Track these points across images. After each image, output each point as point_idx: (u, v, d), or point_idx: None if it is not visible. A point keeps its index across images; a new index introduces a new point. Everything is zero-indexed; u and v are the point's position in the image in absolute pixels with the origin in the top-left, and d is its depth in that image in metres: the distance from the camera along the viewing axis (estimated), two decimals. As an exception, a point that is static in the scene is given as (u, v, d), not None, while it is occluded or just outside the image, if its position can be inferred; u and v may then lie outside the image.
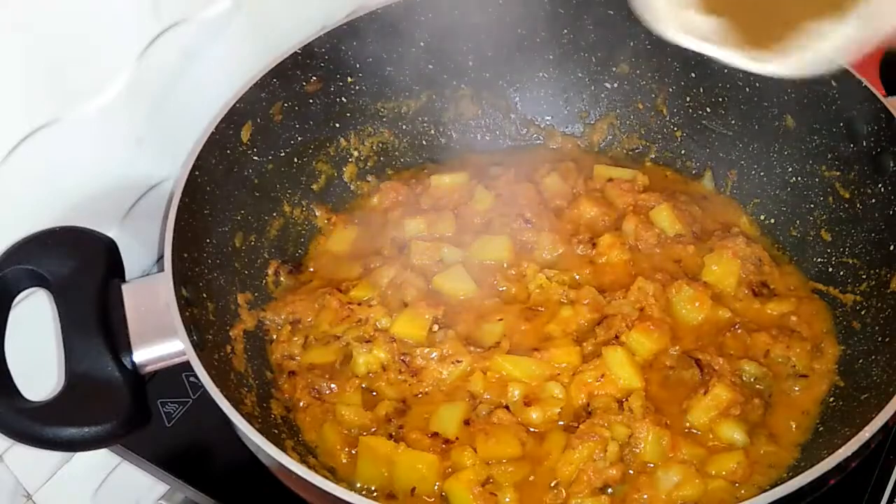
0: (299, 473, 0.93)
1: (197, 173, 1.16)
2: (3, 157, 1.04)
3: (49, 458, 1.24)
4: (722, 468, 1.09)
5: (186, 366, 1.01)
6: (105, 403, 0.98)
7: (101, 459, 1.32)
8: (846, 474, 0.95)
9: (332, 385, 1.19)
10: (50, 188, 1.13)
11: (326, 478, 0.94)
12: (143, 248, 1.30)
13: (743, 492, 1.08)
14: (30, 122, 1.06)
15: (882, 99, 1.19)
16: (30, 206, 1.10)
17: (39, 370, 1.14)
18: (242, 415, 0.98)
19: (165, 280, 1.05)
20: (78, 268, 1.05)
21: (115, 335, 1.02)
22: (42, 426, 0.96)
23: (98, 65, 1.12)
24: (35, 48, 1.02)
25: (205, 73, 1.26)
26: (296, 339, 1.25)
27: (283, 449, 0.99)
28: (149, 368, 1.03)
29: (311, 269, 1.36)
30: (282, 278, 1.33)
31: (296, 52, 1.30)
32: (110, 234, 1.12)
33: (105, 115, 1.14)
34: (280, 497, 1.02)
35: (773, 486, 0.91)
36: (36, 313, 1.14)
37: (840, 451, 0.91)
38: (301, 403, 1.19)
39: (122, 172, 1.22)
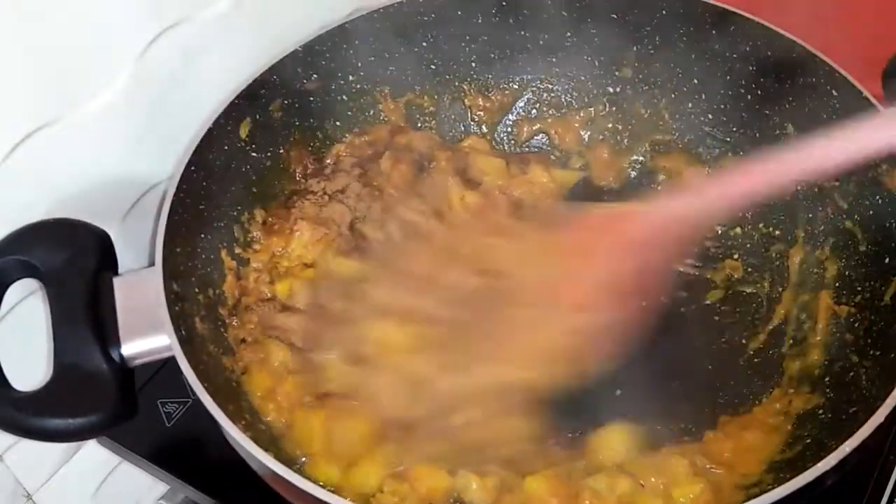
0: (287, 477, 0.93)
1: (193, 168, 1.16)
2: (2, 158, 1.04)
3: (49, 458, 1.25)
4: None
5: (188, 364, 1.01)
6: (92, 395, 0.98)
7: (101, 459, 1.33)
8: (846, 474, 0.94)
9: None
10: (50, 188, 1.13)
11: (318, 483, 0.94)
12: (142, 249, 1.30)
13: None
14: (30, 123, 1.06)
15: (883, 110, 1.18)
16: (29, 206, 1.10)
17: (31, 360, 1.14)
18: (226, 413, 0.97)
19: (156, 274, 1.05)
20: (70, 259, 1.05)
21: (104, 327, 1.02)
22: (28, 416, 0.96)
23: (98, 65, 1.12)
24: (35, 48, 1.02)
25: (205, 73, 1.26)
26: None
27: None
28: (137, 362, 1.03)
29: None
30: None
31: (297, 50, 1.30)
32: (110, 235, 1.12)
33: (105, 115, 1.14)
34: (280, 497, 1.01)
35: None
36: (27, 304, 1.15)
37: (819, 464, 0.90)
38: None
39: (122, 172, 1.22)
